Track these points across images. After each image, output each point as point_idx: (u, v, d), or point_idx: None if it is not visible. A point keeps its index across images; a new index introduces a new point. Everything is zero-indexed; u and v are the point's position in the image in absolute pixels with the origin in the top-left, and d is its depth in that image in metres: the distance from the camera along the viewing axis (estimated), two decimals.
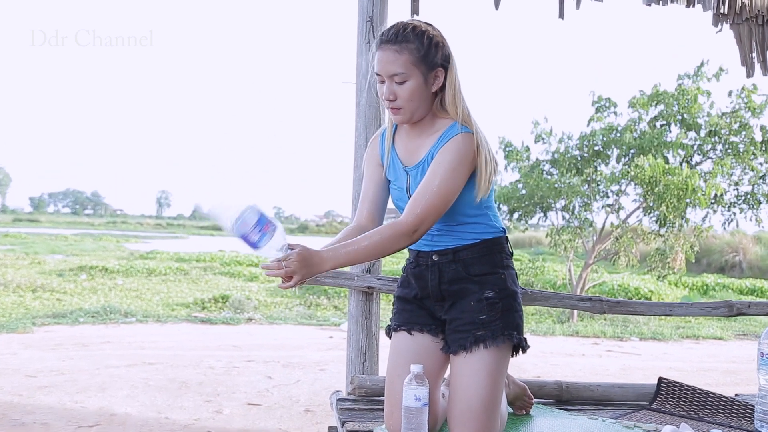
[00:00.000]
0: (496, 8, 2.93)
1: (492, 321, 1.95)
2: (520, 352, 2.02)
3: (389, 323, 2.17)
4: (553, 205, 9.89)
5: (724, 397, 2.50)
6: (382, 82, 1.91)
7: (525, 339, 2.01)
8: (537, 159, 10.18)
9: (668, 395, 2.56)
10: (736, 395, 2.68)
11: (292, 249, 1.73)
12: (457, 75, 1.95)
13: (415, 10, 2.87)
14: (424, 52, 1.88)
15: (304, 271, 1.73)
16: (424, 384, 1.80)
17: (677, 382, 2.60)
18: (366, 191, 2.10)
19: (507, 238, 2.09)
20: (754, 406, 2.32)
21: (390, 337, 2.16)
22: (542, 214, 10.07)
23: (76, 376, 4.78)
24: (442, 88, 1.94)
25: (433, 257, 2.03)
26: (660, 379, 2.64)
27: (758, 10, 3.06)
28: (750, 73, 3.19)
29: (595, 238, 10.21)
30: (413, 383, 1.80)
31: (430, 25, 1.94)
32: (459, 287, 2.00)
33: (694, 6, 3.04)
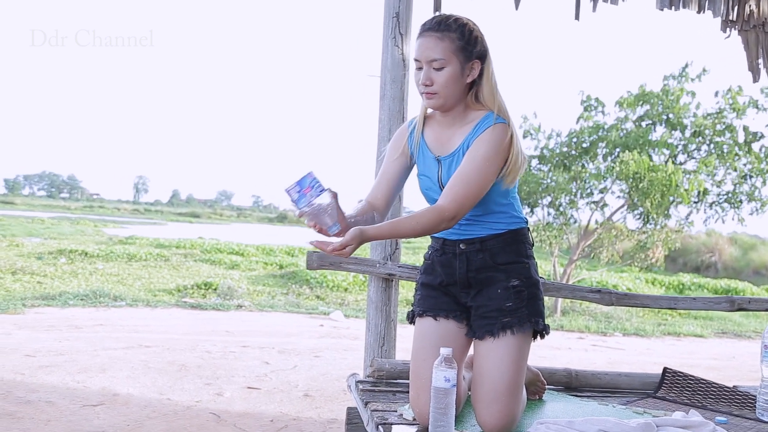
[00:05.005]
0: (516, 8, 3.02)
1: (518, 308, 2.04)
2: (539, 337, 2.12)
3: (412, 308, 2.25)
4: (539, 201, 10.02)
5: (725, 387, 2.62)
6: (420, 68, 1.99)
7: (548, 325, 2.11)
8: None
9: (672, 384, 2.68)
10: (735, 386, 2.80)
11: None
12: (494, 70, 2.04)
13: (437, 7, 2.94)
14: (464, 42, 1.97)
15: (355, 243, 1.82)
16: (453, 366, 1.88)
17: (681, 372, 2.71)
18: (385, 173, 2.16)
19: (529, 228, 2.18)
20: (755, 396, 2.44)
21: (412, 323, 2.24)
22: (529, 210, 10.19)
23: (75, 357, 4.80)
24: (477, 80, 2.02)
25: (461, 246, 2.10)
26: (665, 369, 2.76)
27: (765, 18, 3.18)
28: (756, 78, 3.31)
29: (581, 234, 10.35)
30: (443, 365, 1.88)
31: (470, 20, 2.02)
32: (486, 275, 2.09)
33: (704, 12, 3.15)
